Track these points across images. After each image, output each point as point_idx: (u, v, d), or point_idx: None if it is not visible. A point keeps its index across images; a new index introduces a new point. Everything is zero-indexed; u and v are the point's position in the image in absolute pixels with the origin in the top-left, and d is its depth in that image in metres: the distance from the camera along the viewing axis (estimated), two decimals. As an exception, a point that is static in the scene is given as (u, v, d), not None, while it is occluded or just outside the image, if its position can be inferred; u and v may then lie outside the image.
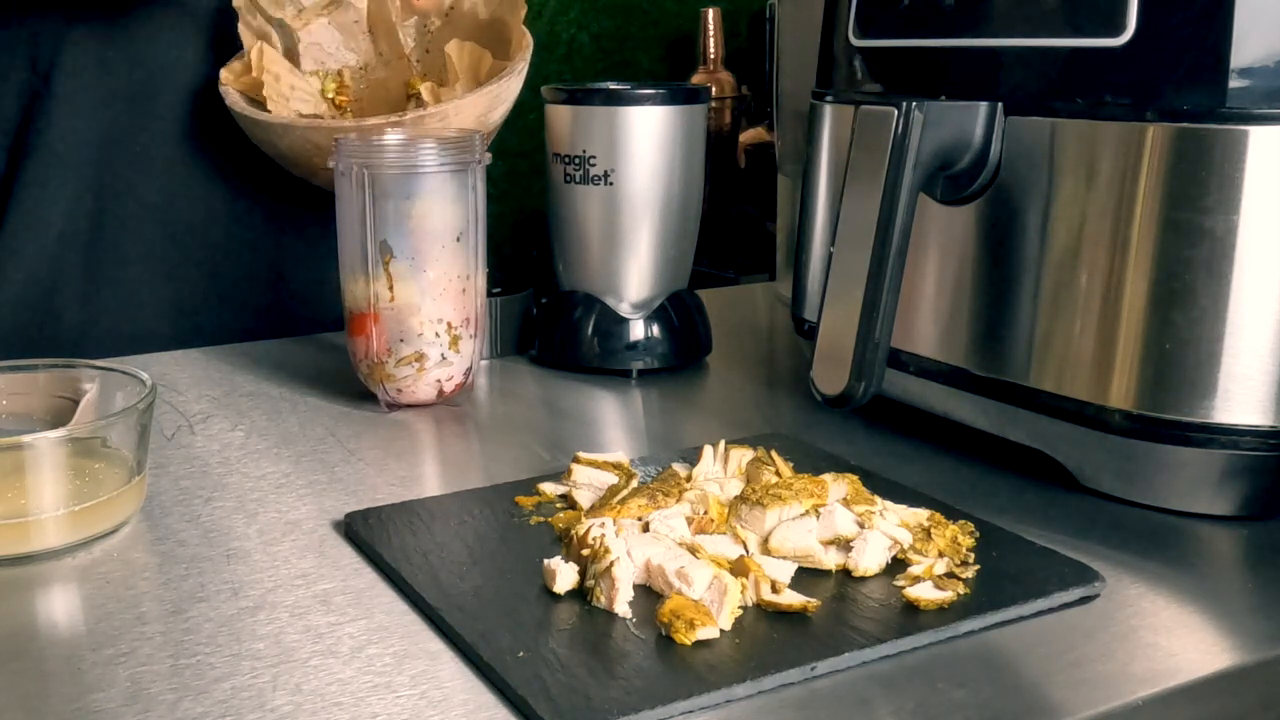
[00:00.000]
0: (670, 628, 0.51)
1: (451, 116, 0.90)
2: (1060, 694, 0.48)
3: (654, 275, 0.90)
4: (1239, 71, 0.58)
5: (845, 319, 0.65)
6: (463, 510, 0.63)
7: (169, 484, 0.70)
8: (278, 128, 0.94)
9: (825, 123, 0.79)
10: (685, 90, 0.89)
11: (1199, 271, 0.59)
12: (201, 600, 0.56)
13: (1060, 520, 0.64)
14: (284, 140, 0.94)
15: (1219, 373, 0.60)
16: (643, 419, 0.84)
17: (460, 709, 0.48)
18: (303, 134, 0.92)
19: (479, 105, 0.92)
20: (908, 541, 0.57)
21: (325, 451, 0.75)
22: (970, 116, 0.66)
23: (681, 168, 0.88)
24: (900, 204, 0.64)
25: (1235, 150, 0.58)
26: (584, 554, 0.55)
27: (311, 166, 0.96)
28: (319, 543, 0.62)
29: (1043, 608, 0.54)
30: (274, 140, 0.95)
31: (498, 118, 0.95)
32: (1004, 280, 0.67)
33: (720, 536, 0.58)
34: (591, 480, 0.65)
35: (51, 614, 0.57)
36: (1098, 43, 0.62)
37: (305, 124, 0.93)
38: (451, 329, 0.81)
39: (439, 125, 0.90)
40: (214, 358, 0.95)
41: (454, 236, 0.80)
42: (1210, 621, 0.55)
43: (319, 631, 0.53)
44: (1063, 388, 0.64)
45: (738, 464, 0.65)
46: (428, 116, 0.89)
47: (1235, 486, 0.62)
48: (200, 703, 0.48)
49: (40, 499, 0.60)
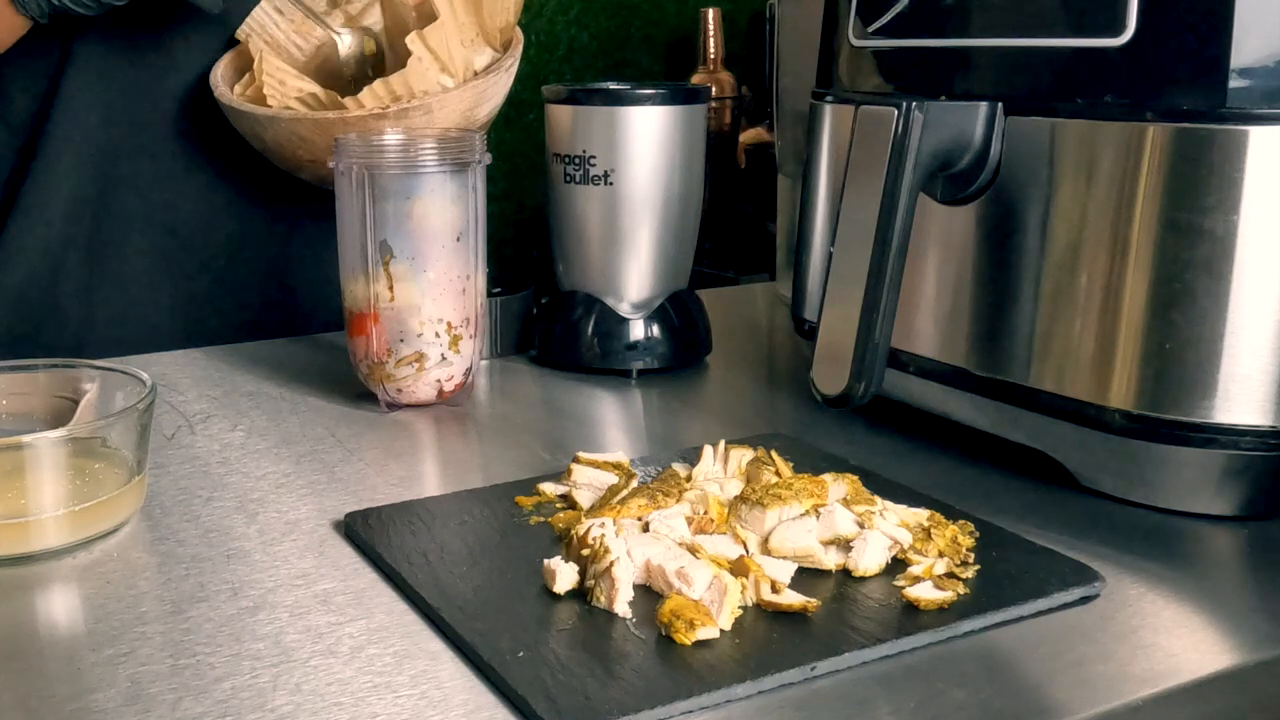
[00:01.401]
0: (670, 628, 0.51)
1: (436, 110, 0.90)
2: (1060, 694, 0.48)
3: (654, 275, 0.90)
4: (1239, 71, 0.58)
5: (845, 319, 0.65)
6: (463, 510, 0.63)
7: (169, 484, 0.70)
8: (263, 119, 0.94)
9: (825, 123, 0.79)
10: (685, 90, 0.89)
11: (1199, 272, 0.59)
12: (201, 600, 0.56)
13: (1060, 520, 0.64)
14: (269, 132, 0.94)
15: (1219, 373, 0.60)
16: (643, 419, 0.84)
17: (460, 709, 0.48)
18: (288, 125, 0.92)
19: (465, 100, 0.91)
20: (908, 541, 0.57)
21: (325, 451, 0.75)
22: (970, 116, 0.66)
23: (681, 168, 0.88)
24: (900, 204, 0.64)
25: (1235, 150, 0.58)
26: (584, 554, 0.55)
27: (297, 159, 0.96)
28: (319, 543, 0.62)
29: (1043, 608, 0.54)
30: (259, 132, 0.95)
31: (485, 115, 0.95)
32: (1004, 280, 0.67)
33: (720, 536, 0.57)
34: (591, 480, 0.65)
35: (51, 614, 0.57)
36: (1098, 43, 0.62)
37: (290, 115, 0.93)
38: (451, 329, 0.81)
39: (424, 119, 0.90)
40: (214, 358, 0.95)
41: (454, 236, 0.80)
42: (1210, 621, 0.55)
43: (319, 631, 0.53)
44: (1063, 388, 0.64)
45: (738, 464, 0.65)
46: (412, 110, 0.89)
47: (1235, 486, 0.62)
48: (200, 703, 0.48)
49: (40, 499, 0.60)
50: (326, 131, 0.91)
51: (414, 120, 0.90)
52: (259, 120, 0.94)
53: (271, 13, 1.02)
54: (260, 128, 0.95)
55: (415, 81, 0.91)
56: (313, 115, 0.93)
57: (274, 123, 0.93)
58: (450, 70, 0.94)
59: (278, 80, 0.96)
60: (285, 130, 0.93)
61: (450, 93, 0.91)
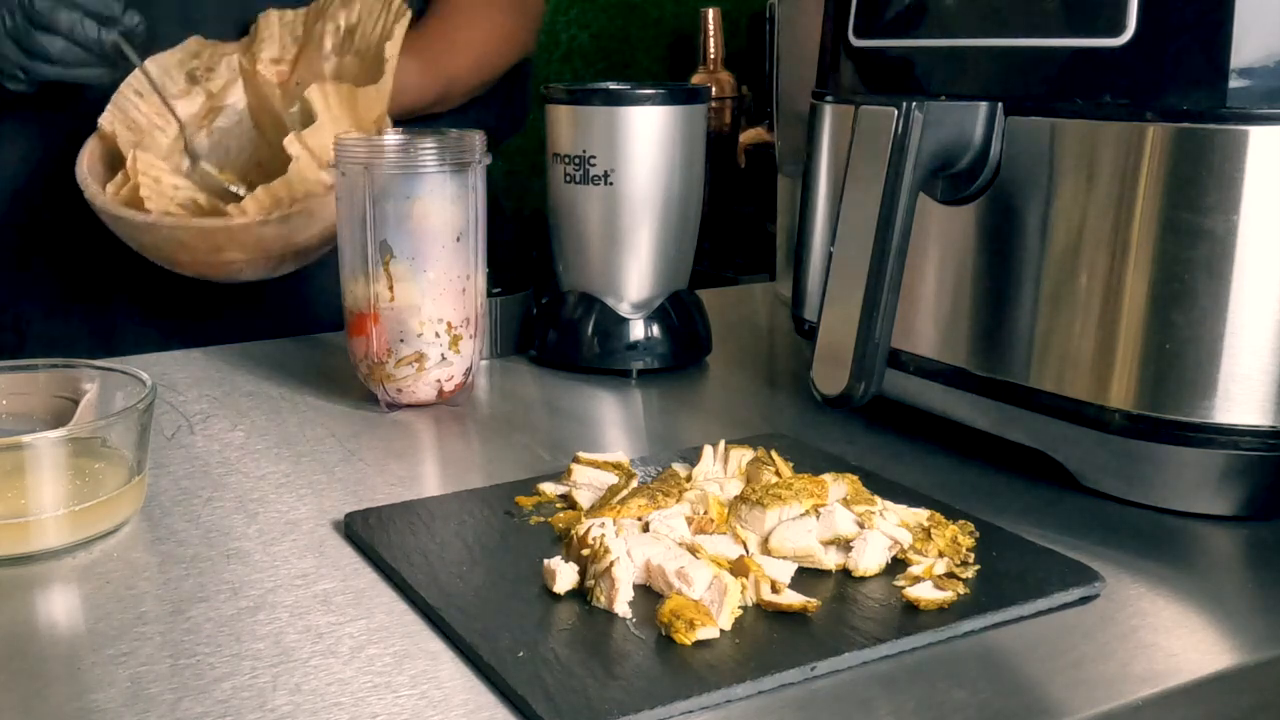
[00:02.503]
0: (670, 628, 0.51)
1: (318, 211, 0.89)
2: (1060, 694, 0.48)
3: (654, 275, 0.89)
4: (1239, 71, 0.58)
5: (845, 319, 0.65)
6: (463, 510, 0.63)
7: (169, 484, 0.70)
8: (141, 225, 0.91)
9: (825, 123, 0.79)
10: (685, 90, 0.89)
11: (1199, 272, 0.59)
12: (201, 600, 0.56)
13: (1060, 520, 0.64)
14: (147, 236, 0.91)
15: (1219, 373, 0.60)
16: (643, 419, 0.84)
17: (460, 709, 0.48)
18: (169, 232, 0.89)
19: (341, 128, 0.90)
20: (908, 541, 0.57)
21: (325, 451, 0.75)
22: (970, 116, 0.66)
23: (681, 168, 0.88)
24: (900, 204, 0.64)
25: (1235, 150, 0.58)
26: (584, 554, 0.55)
27: (175, 260, 0.93)
28: (319, 543, 0.62)
29: (1043, 608, 0.54)
30: (136, 236, 0.92)
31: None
32: (1004, 280, 0.67)
33: (720, 536, 0.57)
34: (591, 480, 0.65)
35: (51, 614, 0.57)
36: (1098, 43, 0.62)
37: (171, 222, 0.90)
38: (451, 329, 0.81)
39: (306, 220, 0.88)
40: (214, 358, 0.95)
41: (454, 236, 0.80)
42: (1210, 621, 0.55)
43: (319, 631, 0.53)
44: (1063, 388, 0.64)
45: (738, 464, 0.65)
46: (294, 215, 0.87)
47: (1235, 486, 0.62)
48: (200, 703, 0.48)
49: (40, 499, 0.60)
50: (209, 238, 0.89)
51: (296, 224, 0.89)
52: (136, 225, 0.91)
53: (131, 96, 0.98)
54: (138, 232, 0.92)
55: (297, 185, 0.90)
56: (194, 223, 0.90)
57: (153, 229, 0.90)
58: (326, 165, 0.92)
59: (153, 179, 0.93)
60: (165, 235, 0.90)
61: (332, 191, 0.89)
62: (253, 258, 0.91)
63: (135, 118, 0.98)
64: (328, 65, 0.99)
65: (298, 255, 0.93)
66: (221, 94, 1.00)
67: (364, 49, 0.99)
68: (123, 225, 0.93)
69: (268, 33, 1.00)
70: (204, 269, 0.92)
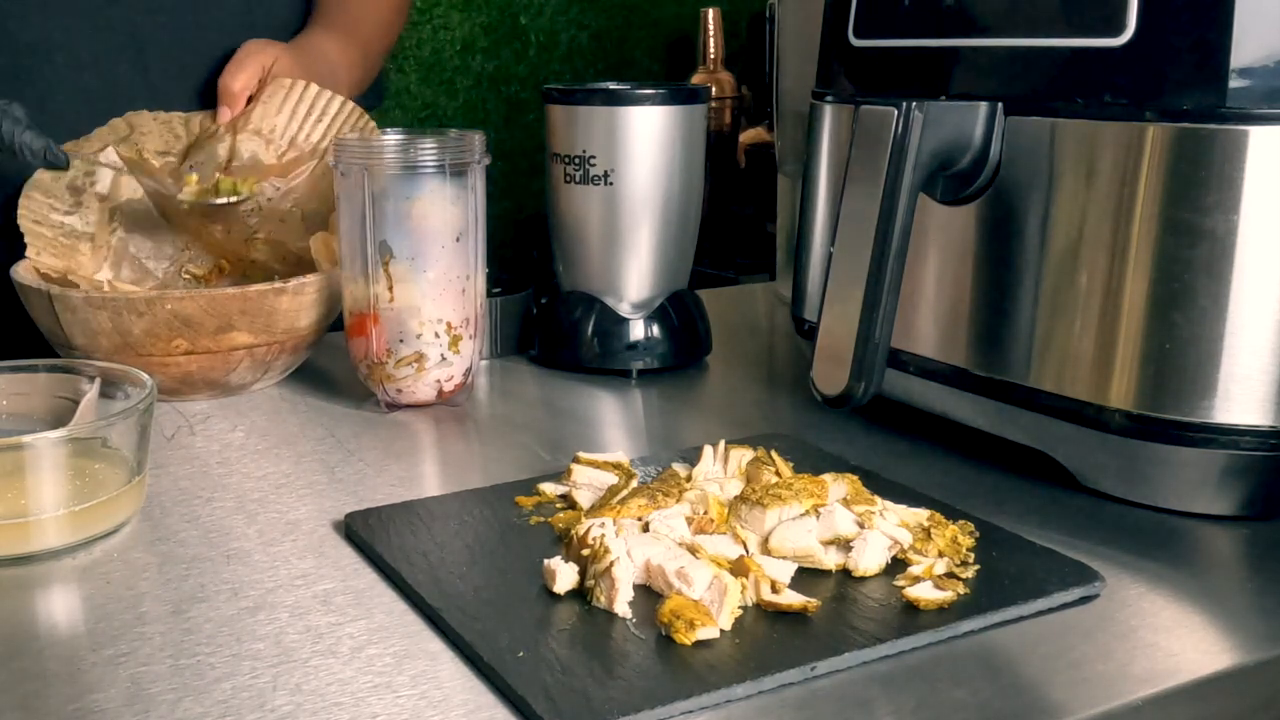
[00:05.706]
0: (670, 628, 0.51)
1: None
2: (1060, 694, 0.48)
3: (654, 275, 0.90)
4: (1239, 71, 0.58)
5: (845, 319, 0.65)
6: (463, 510, 0.63)
7: (169, 484, 0.70)
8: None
9: (825, 123, 0.79)
10: (685, 90, 0.89)
11: (1199, 271, 0.59)
12: (201, 600, 0.56)
13: (1060, 520, 0.64)
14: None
15: (1219, 373, 0.60)
16: (643, 419, 0.84)
17: (460, 709, 0.48)
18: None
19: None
20: (908, 541, 0.57)
21: (325, 451, 0.75)
22: (970, 116, 0.66)
23: (681, 168, 0.88)
24: (900, 204, 0.64)
25: (1235, 150, 0.58)
26: (584, 554, 0.55)
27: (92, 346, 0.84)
28: (319, 543, 0.62)
29: (1043, 608, 0.54)
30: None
31: None
32: (1004, 280, 0.67)
33: (720, 536, 0.57)
34: (591, 480, 0.65)
35: (51, 614, 0.57)
36: (1098, 43, 0.62)
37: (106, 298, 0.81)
38: (451, 329, 0.81)
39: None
40: (214, 358, 0.95)
41: (454, 237, 0.80)
42: (1210, 621, 0.55)
43: (319, 631, 0.53)
44: (1063, 388, 0.64)
45: (738, 464, 0.65)
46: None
47: (1235, 486, 0.62)
48: (200, 703, 0.48)
49: (40, 499, 0.60)
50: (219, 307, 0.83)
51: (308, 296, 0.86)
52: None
53: (40, 198, 0.92)
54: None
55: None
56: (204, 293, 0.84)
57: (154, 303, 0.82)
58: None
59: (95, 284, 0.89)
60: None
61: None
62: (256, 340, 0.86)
63: (54, 219, 0.93)
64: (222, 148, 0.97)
65: (296, 347, 0.88)
66: (113, 193, 0.96)
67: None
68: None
69: (146, 129, 0.98)
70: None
